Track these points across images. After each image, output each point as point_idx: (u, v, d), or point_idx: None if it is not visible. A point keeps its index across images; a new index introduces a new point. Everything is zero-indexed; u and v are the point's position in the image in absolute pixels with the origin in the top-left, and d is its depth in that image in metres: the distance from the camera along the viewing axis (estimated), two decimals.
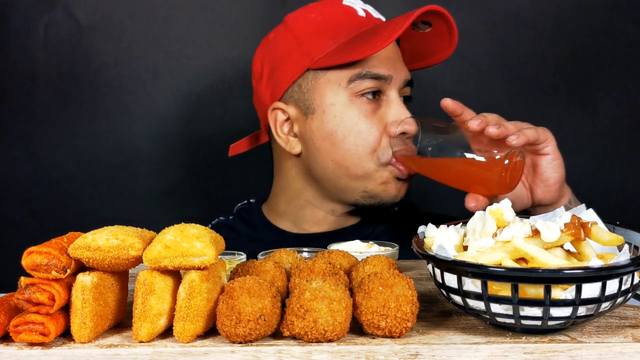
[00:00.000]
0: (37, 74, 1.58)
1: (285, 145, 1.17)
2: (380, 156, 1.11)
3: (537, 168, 1.00)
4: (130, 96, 1.60)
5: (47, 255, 0.67)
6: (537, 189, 1.01)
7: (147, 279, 0.67)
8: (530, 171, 1.02)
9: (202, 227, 0.71)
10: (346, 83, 1.10)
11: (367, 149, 1.10)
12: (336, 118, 1.11)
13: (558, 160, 0.99)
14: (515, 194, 1.00)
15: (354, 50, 1.08)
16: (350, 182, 1.13)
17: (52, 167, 1.59)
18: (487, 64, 1.65)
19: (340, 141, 1.11)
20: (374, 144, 1.10)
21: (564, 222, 0.68)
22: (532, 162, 1.01)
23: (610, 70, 1.66)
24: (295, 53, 1.14)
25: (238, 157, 1.31)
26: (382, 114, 1.12)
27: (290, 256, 0.86)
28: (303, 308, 0.65)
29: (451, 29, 1.12)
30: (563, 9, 1.64)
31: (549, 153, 0.98)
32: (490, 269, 0.64)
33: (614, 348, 0.66)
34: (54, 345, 0.67)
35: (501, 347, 0.66)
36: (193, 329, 0.67)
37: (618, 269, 0.64)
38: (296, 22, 1.16)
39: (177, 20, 1.60)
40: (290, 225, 1.23)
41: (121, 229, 0.70)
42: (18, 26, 1.56)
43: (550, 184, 1.00)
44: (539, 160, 1.00)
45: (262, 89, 1.19)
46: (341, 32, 1.12)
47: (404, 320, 0.67)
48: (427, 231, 0.79)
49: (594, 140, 1.67)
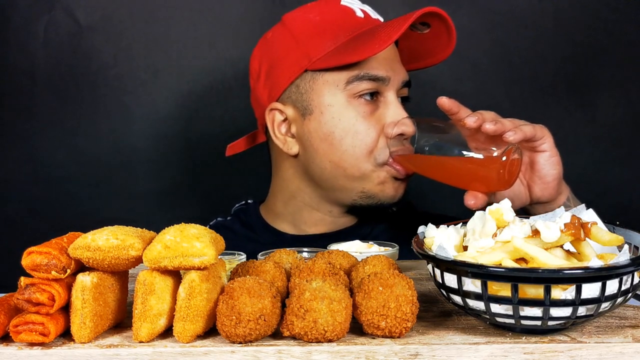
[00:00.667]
0: (37, 74, 1.58)
1: (283, 145, 1.16)
2: (377, 157, 1.11)
3: (534, 165, 1.00)
4: (130, 96, 1.60)
5: (47, 255, 0.67)
6: (535, 186, 1.01)
7: (147, 279, 0.67)
8: (527, 168, 1.01)
9: (202, 227, 0.71)
10: (344, 84, 1.10)
11: (365, 150, 1.10)
12: (334, 119, 1.11)
13: (555, 157, 0.99)
14: (514, 191, 1.00)
15: (352, 51, 1.08)
16: (347, 182, 1.13)
17: (52, 167, 1.59)
18: (486, 64, 1.65)
19: (338, 142, 1.10)
20: (371, 145, 1.10)
21: (563, 222, 0.68)
22: (529, 159, 1.01)
23: (610, 70, 1.66)
24: (293, 53, 1.13)
25: (238, 157, 1.31)
26: (380, 115, 1.11)
27: (290, 256, 0.86)
28: (303, 308, 0.65)
29: (450, 30, 1.12)
30: (563, 9, 1.64)
31: (546, 150, 0.98)
32: (490, 269, 0.64)
33: (614, 348, 0.66)
34: (54, 345, 0.67)
35: (501, 347, 0.66)
36: (193, 329, 0.67)
37: (618, 269, 0.64)
38: (294, 21, 1.15)
39: (177, 20, 1.60)
40: (288, 226, 1.23)
41: (121, 229, 0.70)
42: (18, 26, 1.56)
43: (548, 180, 1.00)
44: (536, 157, 0.99)
45: (259, 88, 1.19)
46: (339, 33, 1.12)
47: (404, 321, 0.67)
48: (427, 231, 0.78)
49: (593, 140, 1.67)
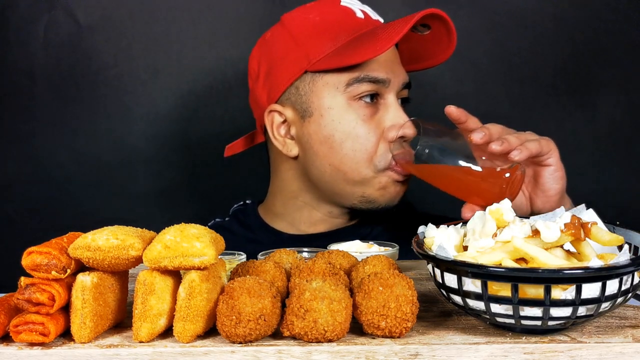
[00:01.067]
0: (37, 74, 1.58)
1: (282, 147, 1.16)
2: (378, 163, 1.10)
3: (538, 179, 0.98)
4: (130, 96, 1.60)
5: (47, 255, 0.67)
6: (537, 199, 0.99)
7: (147, 279, 0.67)
8: (531, 181, 1.00)
9: (202, 227, 0.71)
10: (344, 86, 1.09)
11: (365, 155, 1.09)
12: (334, 122, 1.10)
13: (560, 172, 0.97)
14: (515, 203, 0.98)
15: (352, 53, 1.07)
16: (347, 186, 1.12)
17: (52, 167, 1.59)
18: (487, 64, 1.64)
19: (338, 145, 1.10)
20: (371, 150, 1.09)
21: (564, 222, 0.68)
22: (533, 173, 0.99)
23: (610, 70, 1.66)
24: (292, 54, 1.12)
25: (238, 158, 1.31)
26: (380, 118, 1.11)
27: (290, 256, 0.86)
28: (303, 308, 0.65)
29: (450, 31, 1.11)
30: (563, 9, 1.64)
31: (551, 164, 0.97)
32: (490, 269, 0.64)
33: (614, 348, 0.66)
34: (54, 345, 0.67)
35: (501, 347, 0.66)
36: (193, 329, 0.67)
37: (618, 269, 0.64)
38: (294, 22, 1.15)
39: (177, 20, 1.60)
40: (287, 226, 1.22)
41: (121, 229, 0.70)
42: (18, 26, 1.56)
43: (551, 194, 0.98)
44: (541, 171, 0.98)
45: (258, 89, 1.18)
46: (339, 34, 1.11)
47: (404, 321, 0.67)
48: (427, 231, 0.78)
49: (593, 140, 1.67)
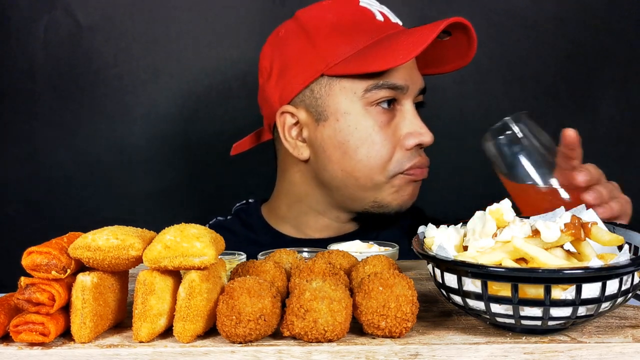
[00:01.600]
0: (37, 74, 1.58)
1: (293, 150, 1.13)
2: (391, 170, 1.09)
3: None
4: (130, 96, 1.60)
5: (47, 255, 0.67)
6: None
7: (147, 279, 0.67)
8: None
9: (202, 227, 0.71)
10: (362, 92, 1.07)
11: (379, 161, 1.08)
12: (350, 127, 1.08)
13: None
14: None
15: (373, 60, 1.04)
16: (358, 192, 1.11)
17: (52, 167, 1.59)
18: (487, 64, 1.65)
19: (353, 151, 1.08)
20: (386, 157, 1.08)
21: (564, 222, 0.68)
22: None
23: (610, 70, 1.66)
24: (308, 55, 1.09)
25: (239, 157, 1.31)
26: (396, 125, 1.09)
27: (290, 256, 0.86)
28: (303, 308, 0.65)
29: (471, 40, 1.09)
30: (563, 9, 1.64)
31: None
32: (490, 269, 0.64)
33: (614, 348, 0.66)
34: (54, 345, 0.67)
35: (501, 347, 0.66)
36: (193, 329, 0.67)
37: (618, 269, 0.64)
38: (310, 20, 1.11)
39: (177, 20, 1.60)
40: (291, 229, 1.20)
41: (121, 229, 0.70)
42: (18, 26, 1.56)
43: None
44: None
45: (270, 88, 1.14)
46: (358, 37, 1.08)
47: (404, 320, 0.67)
48: (427, 231, 0.78)
49: (593, 140, 1.66)
